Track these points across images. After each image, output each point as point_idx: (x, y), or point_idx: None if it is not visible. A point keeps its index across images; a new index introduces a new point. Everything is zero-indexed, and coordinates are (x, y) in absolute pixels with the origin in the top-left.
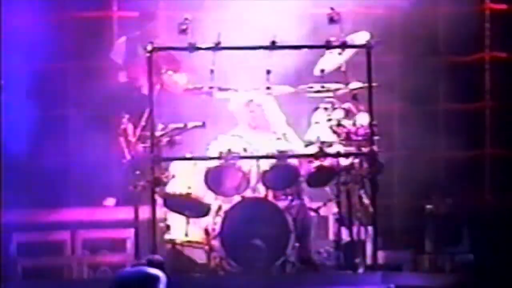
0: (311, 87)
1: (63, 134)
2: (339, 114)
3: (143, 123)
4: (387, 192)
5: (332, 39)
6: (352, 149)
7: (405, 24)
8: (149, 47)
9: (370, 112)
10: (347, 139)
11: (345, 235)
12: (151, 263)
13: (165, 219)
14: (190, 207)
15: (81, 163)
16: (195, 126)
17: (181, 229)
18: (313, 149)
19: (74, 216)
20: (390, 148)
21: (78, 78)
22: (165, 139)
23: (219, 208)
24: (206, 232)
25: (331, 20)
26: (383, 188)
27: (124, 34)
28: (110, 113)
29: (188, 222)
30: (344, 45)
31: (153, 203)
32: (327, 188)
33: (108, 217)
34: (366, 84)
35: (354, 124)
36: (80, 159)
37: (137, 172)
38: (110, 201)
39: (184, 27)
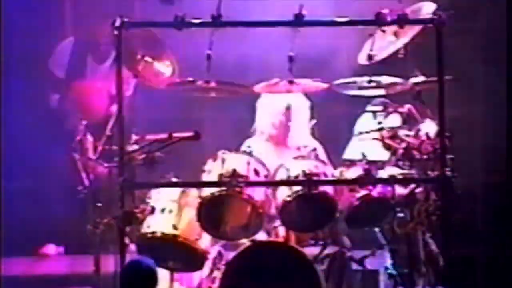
0: (354, 82)
1: None
2: (394, 121)
3: (108, 132)
4: (467, 236)
5: (385, 11)
6: (413, 172)
7: None
8: (118, 22)
9: (441, 118)
10: (407, 157)
11: None
12: None
13: None
14: (177, 255)
15: (10, 191)
16: (184, 138)
17: None
18: (356, 173)
19: None
20: (471, 171)
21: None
22: (140, 157)
23: (219, 257)
24: None
25: None
26: (460, 231)
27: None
28: (59, 117)
29: (172, 279)
30: (403, 20)
31: (122, 250)
32: (376, 230)
33: (52, 270)
34: (435, 78)
35: (416, 136)
36: (9, 184)
37: (99, 205)
38: (52, 249)
39: None
